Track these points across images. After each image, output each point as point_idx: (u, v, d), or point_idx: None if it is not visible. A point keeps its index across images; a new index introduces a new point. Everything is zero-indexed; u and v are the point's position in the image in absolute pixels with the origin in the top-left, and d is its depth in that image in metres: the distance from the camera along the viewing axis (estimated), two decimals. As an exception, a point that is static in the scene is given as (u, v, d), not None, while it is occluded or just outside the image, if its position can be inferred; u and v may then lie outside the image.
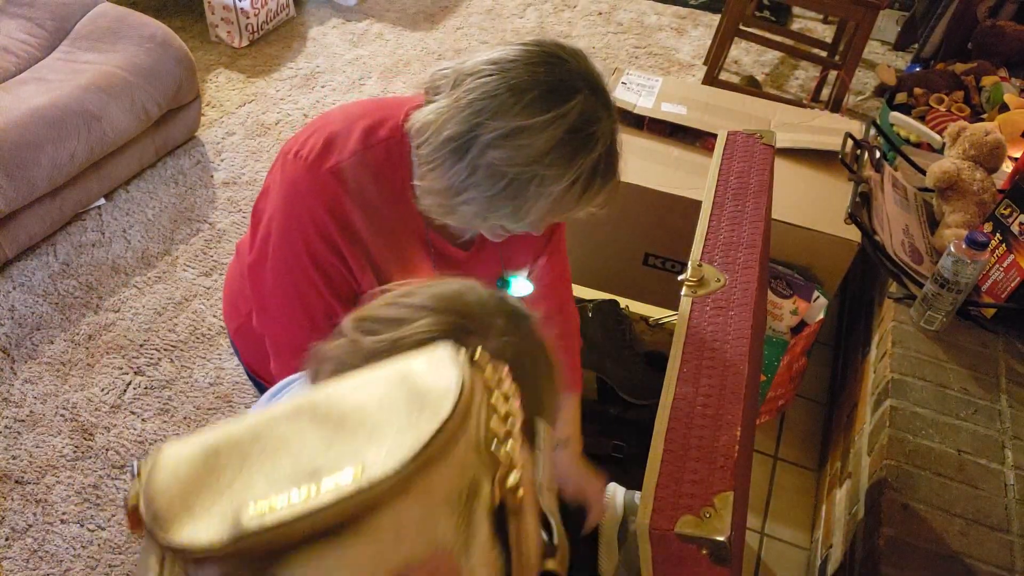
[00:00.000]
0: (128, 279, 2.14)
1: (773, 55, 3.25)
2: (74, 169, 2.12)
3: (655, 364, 1.48)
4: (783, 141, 1.78)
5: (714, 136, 1.31)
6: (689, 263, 0.99)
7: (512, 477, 0.41)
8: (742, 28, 2.81)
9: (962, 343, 1.44)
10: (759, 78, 3.10)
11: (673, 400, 0.83)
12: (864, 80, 3.09)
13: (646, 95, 1.98)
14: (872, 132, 1.87)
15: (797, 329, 1.65)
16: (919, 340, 1.44)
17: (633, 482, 1.32)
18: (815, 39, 3.18)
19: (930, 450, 1.26)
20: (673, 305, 1.03)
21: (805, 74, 3.17)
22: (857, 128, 1.90)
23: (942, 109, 2.23)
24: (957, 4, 2.78)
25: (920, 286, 1.47)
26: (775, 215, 1.56)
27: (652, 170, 1.79)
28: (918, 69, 2.71)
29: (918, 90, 2.31)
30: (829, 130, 1.90)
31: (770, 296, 1.60)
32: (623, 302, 1.50)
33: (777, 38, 2.97)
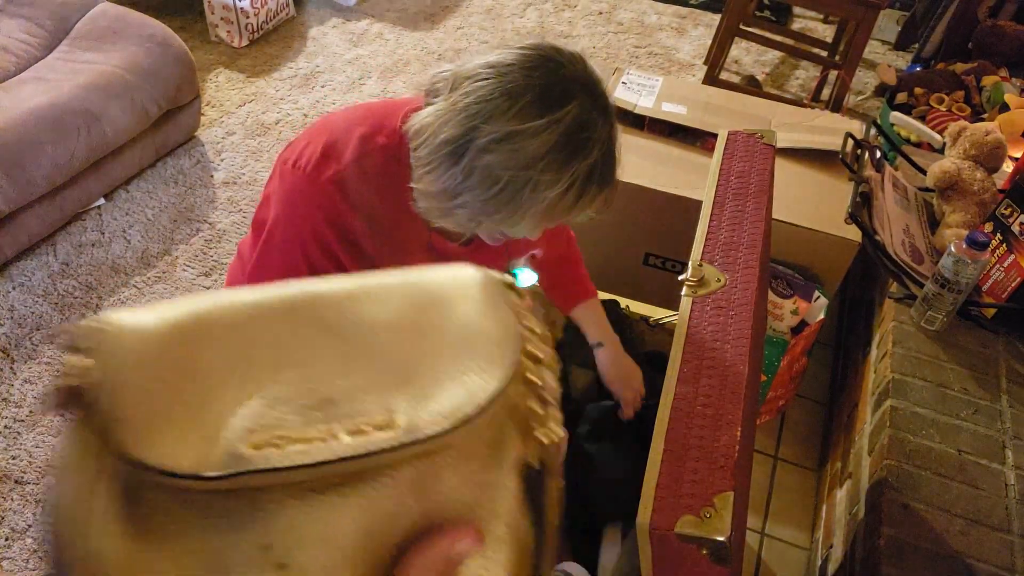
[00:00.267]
0: (128, 279, 2.14)
1: (773, 55, 3.25)
2: (74, 169, 2.12)
3: (655, 364, 1.48)
4: (784, 141, 1.78)
5: (714, 136, 1.30)
6: (689, 263, 0.99)
7: (553, 429, 0.35)
8: (742, 28, 2.81)
9: (963, 343, 1.44)
10: (759, 78, 3.10)
11: (673, 400, 0.83)
12: (864, 80, 3.09)
13: (646, 95, 1.98)
14: (872, 132, 1.87)
15: (797, 329, 1.65)
16: (920, 340, 1.44)
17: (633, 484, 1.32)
18: (815, 39, 3.17)
19: (930, 450, 1.26)
20: (673, 305, 1.03)
21: (805, 74, 3.17)
22: (858, 128, 1.90)
23: (942, 109, 2.23)
24: (957, 4, 2.78)
25: (920, 286, 1.47)
26: (776, 215, 1.56)
27: (652, 170, 1.79)
28: (918, 69, 2.71)
29: (918, 90, 2.31)
30: (830, 130, 1.89)
31: (770, 296, 1.60)
32: (623, 302, 1.50)
33: (777, 38, 2.96)
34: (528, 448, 0.35)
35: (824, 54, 2.98)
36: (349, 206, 0.94)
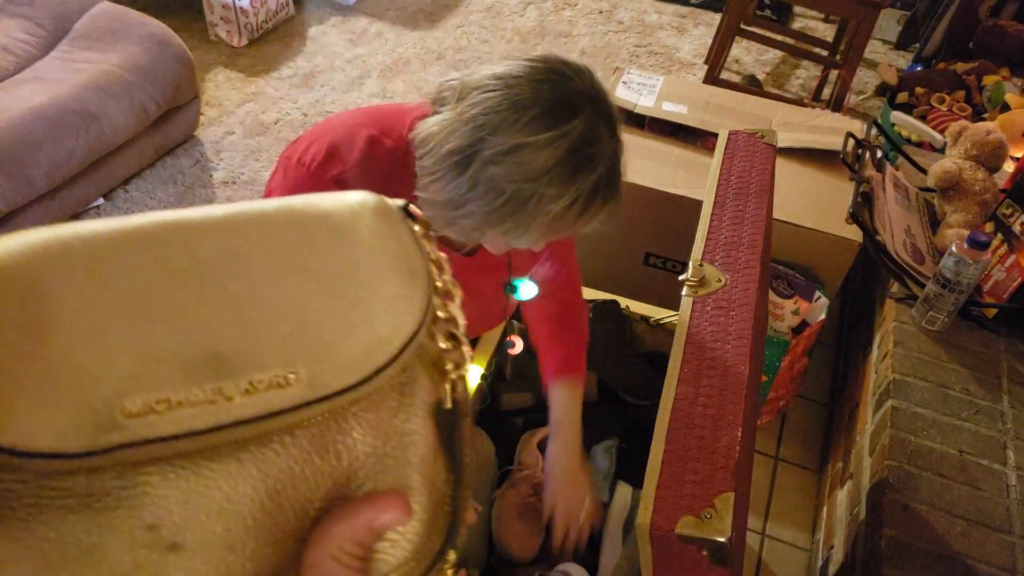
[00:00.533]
0: (127, 279, 2.14)
1: (774, 54, 3.24)
2: (73, 169, 2.12)
3: (656, 364, 1.48)
4: (784, 140, 1.77)
5: (715, 135, 1.30)
6: (690, 263, 0.99)
7: (464, 366, 0.32)
8: (743, 27, 2.80)
9: (964, 343, 1.44)
10: (760, 77, 3.10)
11: (674, 400, 0.83)
12: (865, 79, 3.09)
13: (647, 94, 1.98)
14: (873, 132, 1.87)
15: (798, 329, 1.64)
16: (921, 340, 1.44)
17: (634, 482, 1.32)
18: (816, 38, 3.17)
19: (931, 451, 1.25)
20: (674, 305, 1.03)
21: (806, 73, 3.17)
22: (858, 127, 1.89)
23: (943, 108, 2.23)
24: (958, 3, 2.78)
25: (922, 286, 1.46)
26: (776, 215, 1.55)
27: (653, 169, 1.79)
28: (919, 68, 2.70)
29: (919, 89, 2.31)
30: (830, 129, 1.89)
31: (771, 296, 1.60)
32: (623, 302, 1.50)
33: (778, 37, 2.96)
34: (440, 389, 0.31)
35: (825, 53, 2.98)
36: None
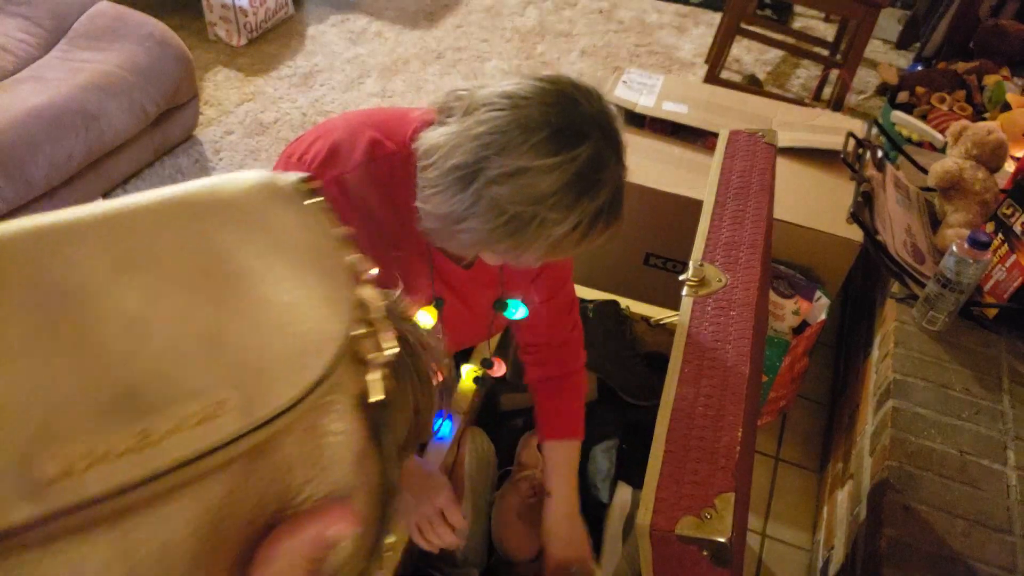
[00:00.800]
0: (126, 278, 2.14)
1: (775, 54, 3.24)
2: (72, 169, 2.11)
3: (656, 365, 1.47)
4: (785, 140, 1.77)
5: (715, 135, 1.30)
6: (690, 263, 0.98)
7: (388, 349, 0.29)
8: (743, 26, 2.80)
9: (964, 343, 1.44)
10: (760, 77, 3.10)
11: (674, 401, 0.83)
12: (866, 79, 3.08)
13: (647, 94, 1.97)
14: (874, 131, 1.87)
15: (799, 329, 1.64)
16: (921, 340, 1.44)
17: (635, 483, 1.32)
18: (817, 38, 3.17)
19: (932, 451, 1.25)
20: (674, 305, 1.02)
21: (807, 73, 3.17)
22: (859, 127, 1.89)
23: (944, 108, 2.23)
24: (959, 3, 2.78)
25: (922, 286, 1.46)
26: (777, 215, 1.55)
27: (653, 169, 1.78)
28: (920, 68, 2.70)
29: (920, 89, 2.31)
30: (831, 129, 1.89)
31: (772, 296, 1.59)
32: (624, 302, 1.49)
33: (778, 37, 2.96)
34: (362, 379, 0.28)
35: (825, 53, 2.98)
36: (350, 209, 0.93)
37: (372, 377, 0.29)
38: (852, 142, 1.68)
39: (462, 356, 1.35)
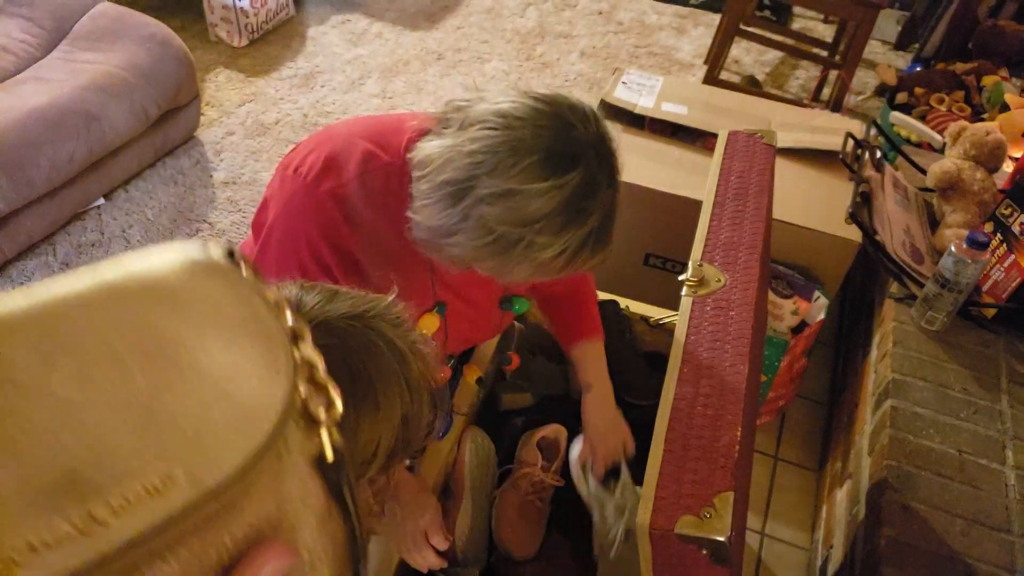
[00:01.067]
0: (127, 279, 2.14)
1: (774, 55, 3.25)
2: (73, 169, 2.12)
3: (655, 364, 1.48)
4: (784, 141, 1.78)
5: (715, 136, 1.30)
6: (690, 263, 0.99)
7: (335, 408, 0.29)
8: (743, 27, 2.81)
9: (963, 343, 1.44)
10: (760, 78, 3.10)
11: (673, 400, 0.83)
12: (865, 80, 3.09)
13: (647, 95, 1.98)
14: (873, 132, 1.87)
15: (798, 329, 1.64)
16: (920, 340, 1.44)
17: (634, 482, 1.32)
18: (816, 39, 3.17)
19: (931, 450, 1.26)
20: (673, 305, 1.03)
21: (806, 74, 3.17)
22: (858, 128, 1.90)
23: (943, 109, 2.23)
24: (957, 4, 2.78)
25: (921, 286, 1.47)
26: (776, 215, 1.56)
27: (653, 170, 1.79)
28: (919, 69, 2.71)
29: (919, 90, 2.31)
30: (830, 130, 1.89)
31: (771, 296, 1.60)
32: (623, 302, 1.50)
33: (778, 38, 2.96)
34: (315, 439, 0.28)
35: (824, 54, 2.98)
36: (346, 221, 0.93)
37: (324, 436, 0.28)
38: (851, 143, 1.69)
39: (463, 356, 1.36)
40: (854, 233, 1.60)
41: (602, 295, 1.50)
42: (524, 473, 1.29)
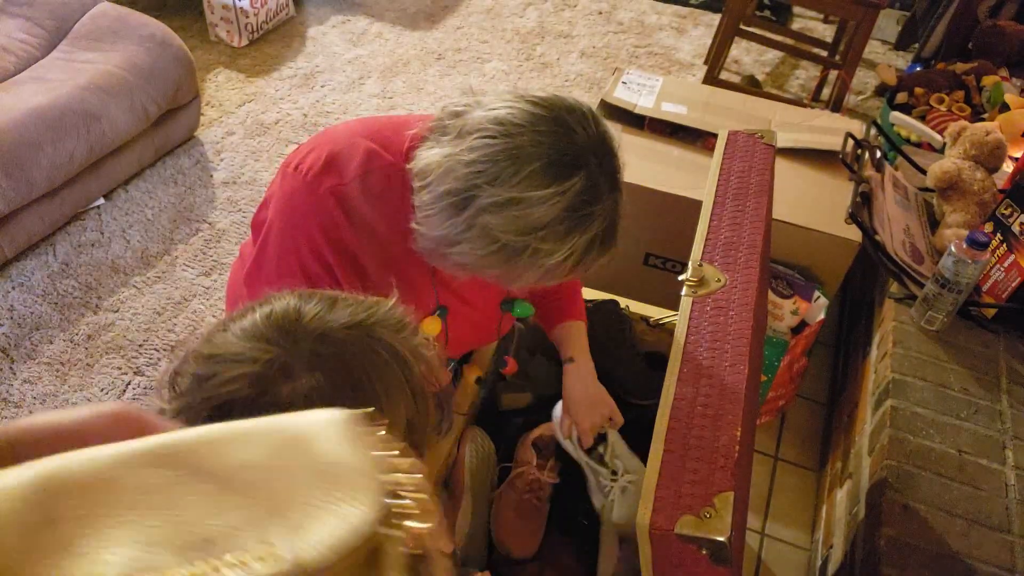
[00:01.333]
0: (127, 279, 2.14)
1: (774, 55, 3.25)
2: (73, 169, 2.12)
3: (655, 364, 1.48)
4: (784, 141, 1.78)
5: (715, 136, 1.30)
6: (690, 263, 0.99)
7: (418, 522, 0.35)
8: (742, 27, 2.81)
9: (963, 343, 1.44)
10: (760, 78, 3.10)
11: (673, 400, 0.83)
12: (865, 80, 3.09)
13: (646, 95, 1.98)
14: (873, 132, 1.87)
15: (797, 329, 1.64)
16: (920, 340, 1.44)
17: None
18: (816, 39, 3.17)
19: (931, 450, 1.26)
20: (673, 305, 1.03)
21: (806, 74, 3.17)
22: (858, 128, 1.90)
23: (943, 109, 2.23)
24: (957, 4, 2.78)
25: (921, 286, 1.47)
26: (776, 215, 1.56)
27: (652, 170, 1.79)
28: (919, 69, 2.71)
29: (919, 90, 2.31)
30: (830, 130, 1.89)
31: (771, 296, 1.60)
32: (623, 302, 1.50)
33: (777, 38, 2.96)
34: (406, 544, 0.34)
35: (824, 54, 2.98)
36: (347, 221, 0.93)
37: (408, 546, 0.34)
38: (851, 143, 1.69)
39: (462, 357, 1.36)
40: (854, 233, 1.60)
41: (602, 295, 1.51)
42: (520, 472, 1.30)
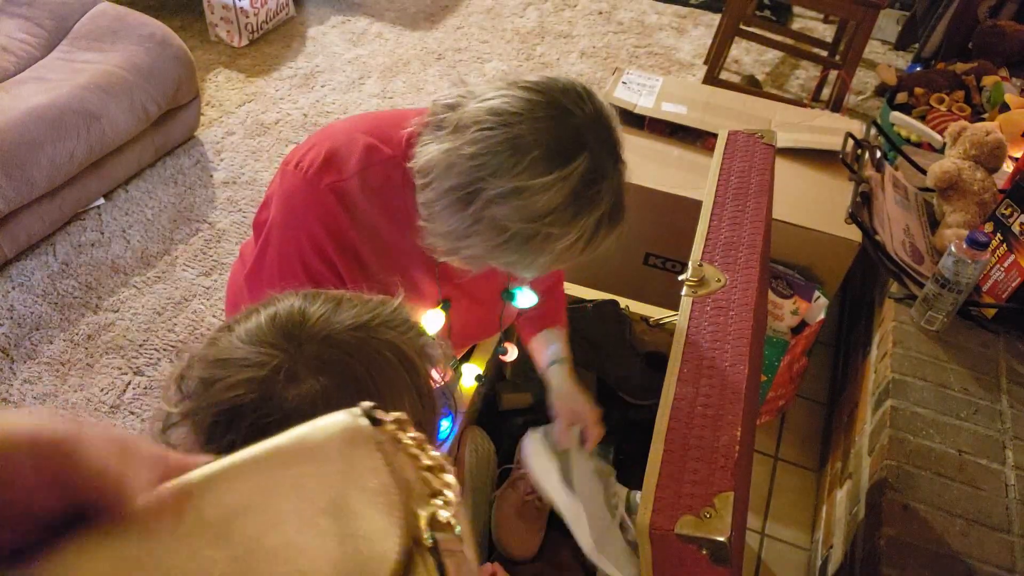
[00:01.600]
0: (127, 279, 2.14)
1: (774, 55, 3.25)
2: (73, 169, 2.12)
3: (655, 364, 1.48)
4: (784, 141, 1.78)
5: (715, 136, 1.30)
6: (690, 263, 0.99)
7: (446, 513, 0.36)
8: (742, 27, 2.81)
9: (963, 343, 1.44)
10: (760, 78, 3.10)
11: (673, 400, 0.83)
12: (865, 80, 3.09)
13: (646, 95, 1.98)
14: (873, 132, 1.87)
15: (798, 329, 1.64)
16: (920, 340, 1.44)
17: (634, 482, 1.32)
18: (816, 39, 3.17)
19: (931, 450, 1.26)
20: (673, 305, 1.03)
21: (806, 74, 3.17)
22: (858, 128, 1.90)
23: (943, 109, 2.23)
24: (958, 4, 2.78)
25: (921, 286, 1.47)
26: (776, 215, 1.56)
27: (652, 170, 1.79)
28: (919, 69, 2.71)
29: (919, 90, 2.31)
30: (830, 130, 1.89)
31: (771, 296, 1.60)
32: (623, 302, 1.50)
33: (777, 37, 2.96)
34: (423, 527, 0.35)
35: (824, 54, 2.98)
36: (348, 217, 0.93)
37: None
38: (851, 143, 1.69)
39: (463, 358, 1.36)
40: (854, 233, 1.60)
41: (602, 295, 1.51)
42: (523, 474, 1.29)
